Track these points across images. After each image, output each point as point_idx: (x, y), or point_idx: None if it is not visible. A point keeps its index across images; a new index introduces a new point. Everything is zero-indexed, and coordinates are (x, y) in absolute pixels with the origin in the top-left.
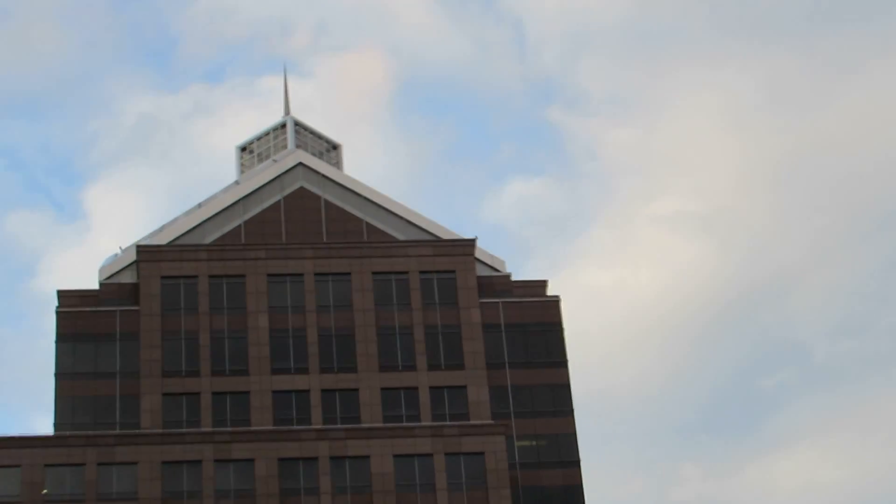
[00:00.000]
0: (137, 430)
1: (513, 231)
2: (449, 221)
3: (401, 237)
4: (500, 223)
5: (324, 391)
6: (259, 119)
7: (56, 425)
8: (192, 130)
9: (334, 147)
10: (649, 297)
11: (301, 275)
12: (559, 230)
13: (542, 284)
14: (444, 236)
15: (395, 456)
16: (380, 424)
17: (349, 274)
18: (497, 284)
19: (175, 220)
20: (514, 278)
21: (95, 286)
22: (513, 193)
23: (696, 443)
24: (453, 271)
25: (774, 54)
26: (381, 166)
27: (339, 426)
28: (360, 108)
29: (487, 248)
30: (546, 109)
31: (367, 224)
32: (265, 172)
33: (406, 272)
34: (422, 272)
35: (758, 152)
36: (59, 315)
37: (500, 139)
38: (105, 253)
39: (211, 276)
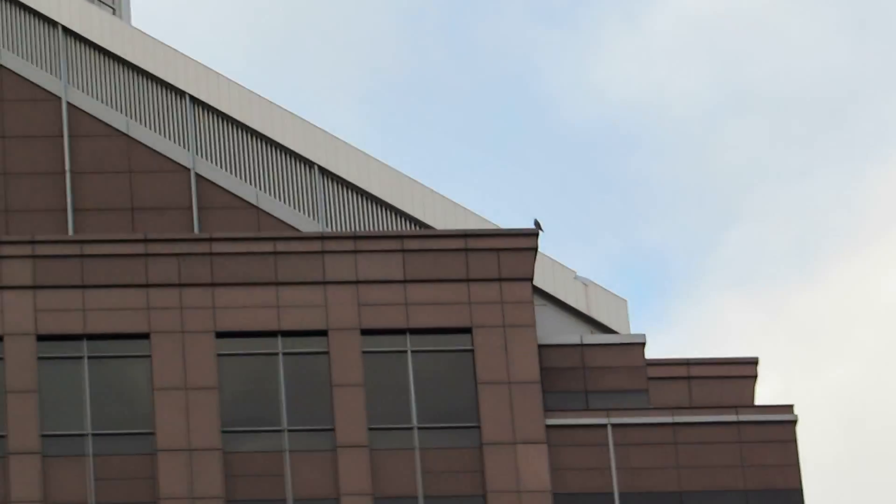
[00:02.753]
0: None
1: (650, 176)
2: (456, 176)
3: (303, 226)
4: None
5: None
6: None
7: None
8: None
9: None
10: None
11: (13, 336)
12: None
13: (746, 367)
14: (440, 223)
15: None
16: None
17: (181, 335)
18: (602, 371)
19: None
20: (652, 353)
21: None
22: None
23: None
24: (468, 330)
25: None
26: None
27: None
28: None
29: (567, 258)
30: None
31: (221, 191)
32: None
33: (323, 332)
34: (365, 334)
35: None
36: None
37: None
38: None
39: None
